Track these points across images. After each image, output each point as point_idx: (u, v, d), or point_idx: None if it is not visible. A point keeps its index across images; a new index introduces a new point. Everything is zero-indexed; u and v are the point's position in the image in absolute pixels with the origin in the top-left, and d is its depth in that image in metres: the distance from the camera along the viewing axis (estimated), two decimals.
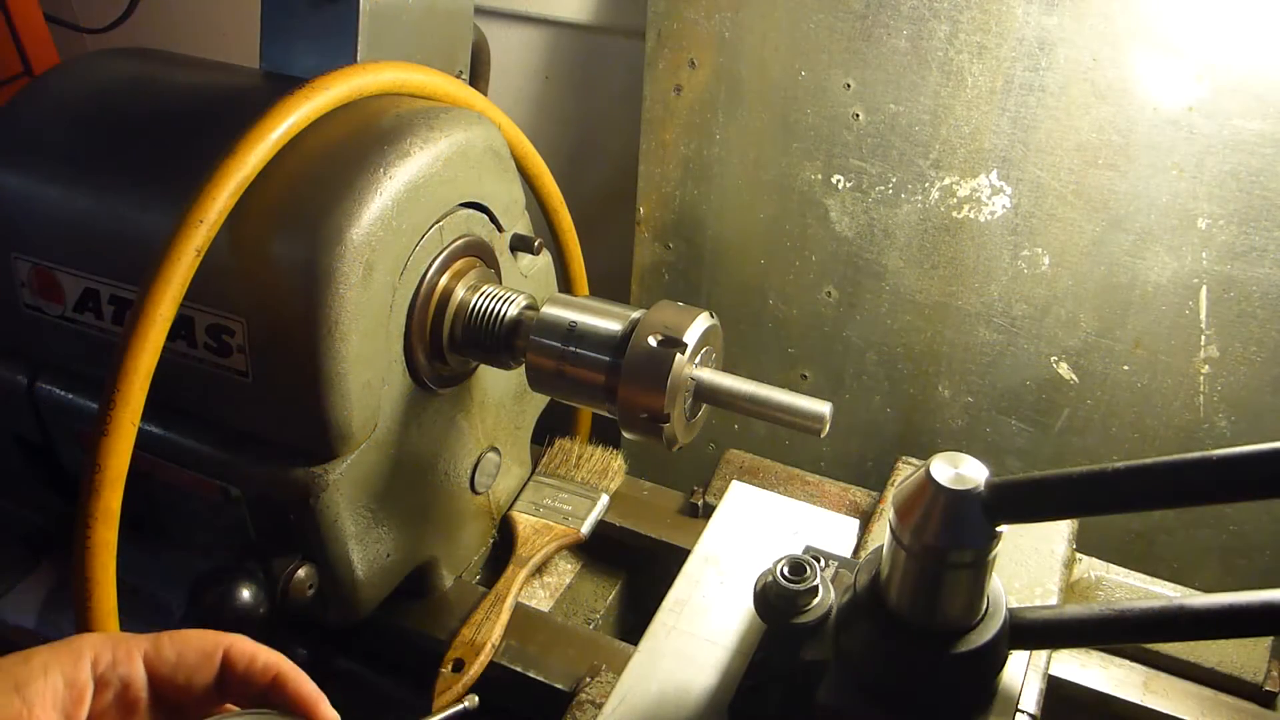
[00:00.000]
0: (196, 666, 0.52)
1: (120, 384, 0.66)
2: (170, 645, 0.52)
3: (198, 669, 0.52)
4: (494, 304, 0.81)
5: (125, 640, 0.51)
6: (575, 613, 0.97)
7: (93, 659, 0.50)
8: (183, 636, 0.52)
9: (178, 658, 0.52)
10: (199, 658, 0.52)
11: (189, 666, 0.52)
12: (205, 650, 0.52)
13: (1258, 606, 0.58)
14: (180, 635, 0.52)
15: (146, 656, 0.51)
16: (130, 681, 0.50)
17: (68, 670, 0.49)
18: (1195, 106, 0.96)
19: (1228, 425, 1.05)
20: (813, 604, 0.68)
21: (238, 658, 0.53)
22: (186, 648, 0.52)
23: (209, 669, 0.52)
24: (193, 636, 0.53)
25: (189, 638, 0.52)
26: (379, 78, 0.80)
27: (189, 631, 0.53)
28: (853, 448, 1.25)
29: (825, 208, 1.15)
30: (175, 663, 0.51)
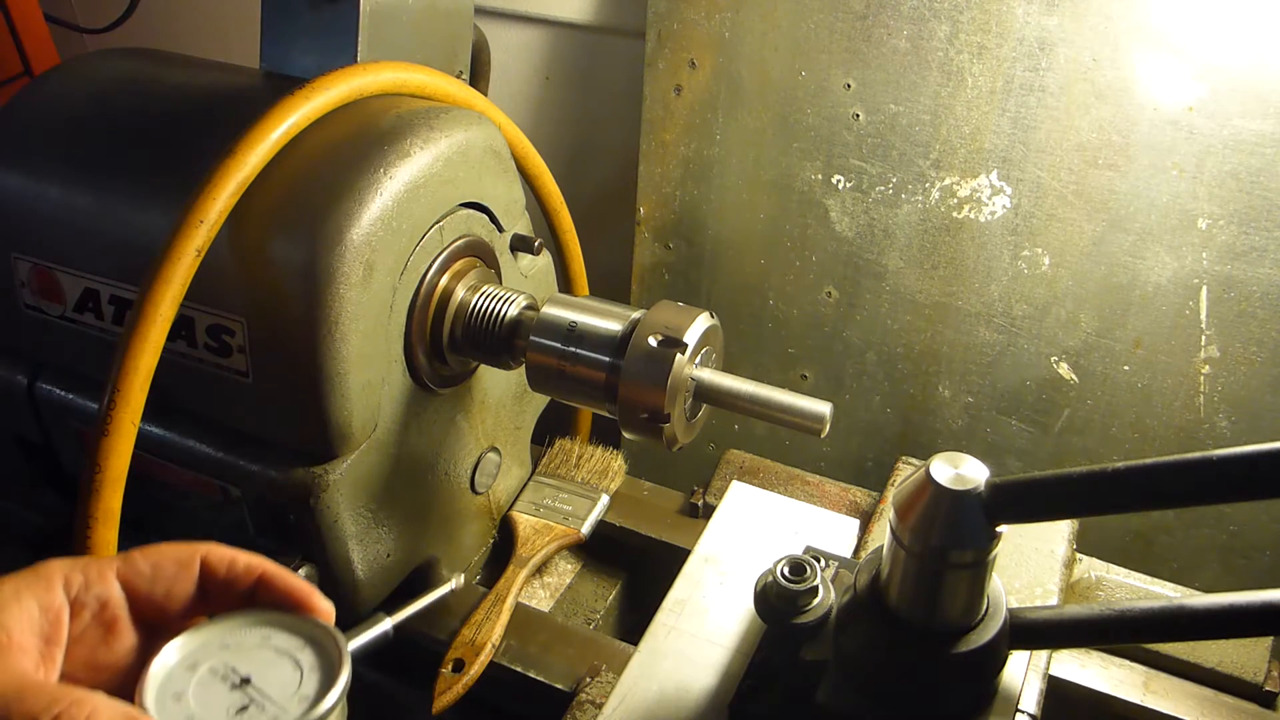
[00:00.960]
0: (174, 577, 0.50)
1: (120, 384, 0.66)
2: (143, 559, 0.50)
3: (176, 579, 0.50)
4: (494, 304, 0.81)
5: (95, 561, 0.49)
6: (575, 613, 0.97)
7: (64, 582, 0.48)
8: (156, 549, 0.51)
9: (153, 570, 0.50)
10: (175, 567, 0.50)
11: (166, 578, 0.50)
12: (181, 559, 0.51)
13: (1258, 606, 0.58)
14: (153, 548, 0.51)
15: (120, 573, 0.49)
16: (107, 600, 0.49)
17: (41, 595, 0.47)
18: (1195, 106, 0.96)
19: (1228, 425, 1.05)
20: (813, 604, 0.68)
21: (216, 562, 0.51)
22: (161, 559, 0.50)
23: (188, 578, 0.50)
24: (166, 548, 0.51)
25: (162, 550, 0.51)
26: (379, 78, 0.80)
27: (162, 545, 0.51)
28: (853, 448, 1.25)
29: (825, 208, 1.15)
30: (151, 575, 0.50)
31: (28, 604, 0.46)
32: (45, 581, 0.47)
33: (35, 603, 0.47)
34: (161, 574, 0.50)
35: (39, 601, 0.47)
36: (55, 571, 0.48)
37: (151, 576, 0.50)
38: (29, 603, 0.46)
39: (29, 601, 0.47)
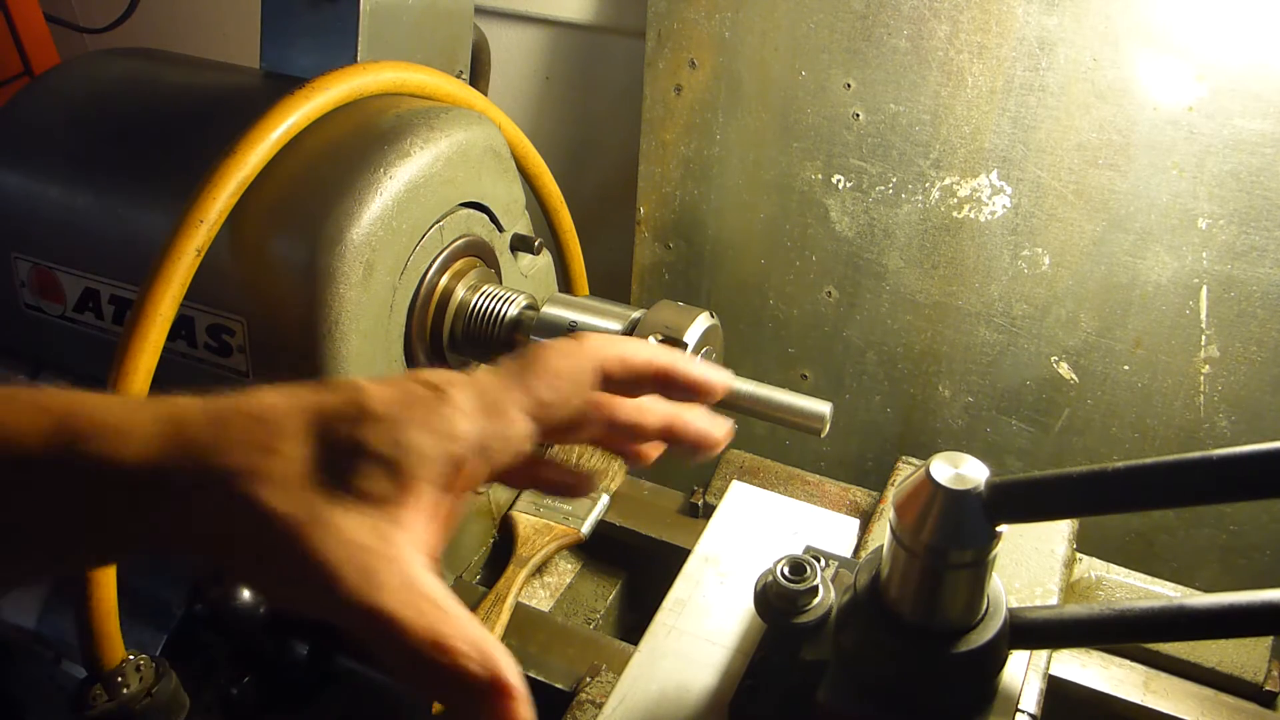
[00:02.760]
0: (573, 397, 0.48)
1: (121, 384, 0.66)
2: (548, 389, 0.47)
3: (575, 398, 0.48)
4: (494, 304, 0.81)
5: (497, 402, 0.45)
6: (575, 613, 0.97)
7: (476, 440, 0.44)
8: (554, 374, 0.47)
9: (558, 398, 0.47)
10: (576, 390, 0.48)
11: (569, 406, 0.48)
12: (578, 380, 0.48)
13: (1258, 606, 0.58)
14: (551, 372, 0.47)
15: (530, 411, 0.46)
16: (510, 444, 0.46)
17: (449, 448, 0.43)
18: (1195, 106, 0.96)
19: (1228, 425, 1.05)
20: (813, 604, 0.68)
21: (612, 369, 0.49)
22: (561, 383, 0.47)
23: (584, 392, 0.49)
24: (564, 368, 0.48)
25: (561, 373, 0.47)
26: (379, 78, 0.80)
27: (557, 362, 0.48)
28: (853, 448, 1.25)
29: (825, 207, 1.15)
30: (557, 403, 0.47)
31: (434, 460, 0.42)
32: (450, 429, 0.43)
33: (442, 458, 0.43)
34: (563, 400, 0.48)
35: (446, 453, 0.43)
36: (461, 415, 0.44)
37: (555, 404, 0.47)
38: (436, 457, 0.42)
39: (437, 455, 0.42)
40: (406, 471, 0.41)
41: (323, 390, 0.43)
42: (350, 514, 0.40)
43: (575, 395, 0.48)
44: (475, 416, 0.44)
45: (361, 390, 0.43)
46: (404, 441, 0.41)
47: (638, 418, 0.53)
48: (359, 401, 0.42)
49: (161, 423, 0.41)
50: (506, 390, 0.46)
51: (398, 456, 0.41)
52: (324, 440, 0.41)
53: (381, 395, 0.43)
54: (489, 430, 0.44)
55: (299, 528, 0.39)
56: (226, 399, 0.43)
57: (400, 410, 0.42)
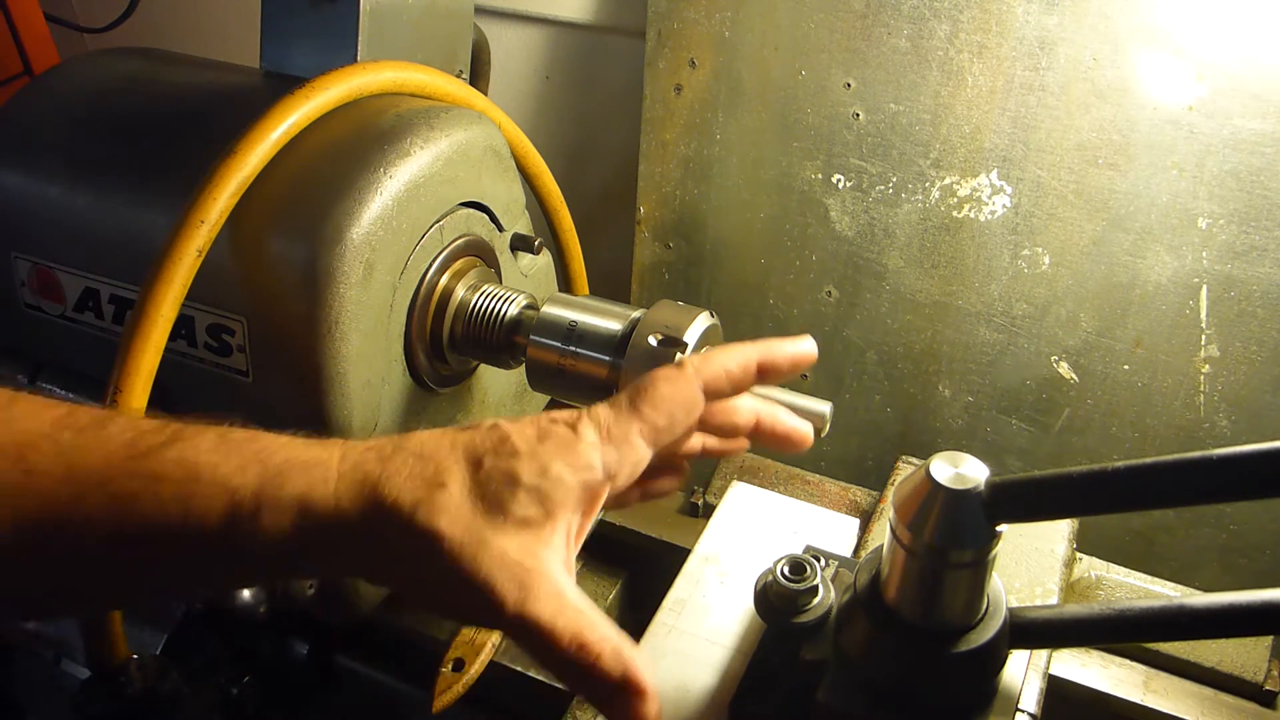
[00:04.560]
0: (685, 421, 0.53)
1: (122, 384, 0.66)
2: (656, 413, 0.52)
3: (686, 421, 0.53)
4: (494, 303, 0.81)
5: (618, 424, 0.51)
6: None
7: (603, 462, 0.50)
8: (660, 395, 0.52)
9: (669, 422, 0.52)
10: (685, 412, 0.53)
11: (679, 424, 0.53)
12: (689, 402, 0.53)
13: (1258, 606, 0.58)
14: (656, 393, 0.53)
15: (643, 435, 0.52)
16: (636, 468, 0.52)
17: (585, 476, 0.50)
18: (1195, 106, 0.96)
19: (1228, 425, 1.05)
20: (813, 604, 0.68)
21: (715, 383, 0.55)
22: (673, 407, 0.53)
23: (696, 412, 0.54)
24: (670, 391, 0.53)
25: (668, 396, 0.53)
26: (379, 77, 0.80)
27: (661, 383, 0.53)
28: (853, 447, 1.25)
29: (825, 207, 1.15)
30: (668, 428, 0.52)
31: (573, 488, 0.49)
32: (586, 461, 0.50)
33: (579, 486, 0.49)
34: (675, 424, 0.53)
35: (582, 482, 0.50)
36: (592, 448, 0.50)
37: (668, 429, 0.52)
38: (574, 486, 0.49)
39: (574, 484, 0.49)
40: (552, 499, 0.48)
41: (470, 429, 0.51)
42: (507, 536, 0.47)
43: (685, 417, 0.54)
44: (602, 448, 0.50)
45: (505, 429, 0.50)
46: (549, 472, 0.48)
47: (734, 419, 0.60)
48: (505, 438, 0.50)
49: (345, 463, 0.48)
50: (628, 422, 0.52)
51: (544, 486, 0.48)
52: (480, 472, 0.48)
53: (524, 433, 0.50)
54: (616, 458, 0.51)
55: (466, 549, 0.46)
56: (390, 441, 0.50)
57: (541, 445, 0.49)
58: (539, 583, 0.46)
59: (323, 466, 0.48)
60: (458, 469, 0.48)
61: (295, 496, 0.46)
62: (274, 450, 0.48)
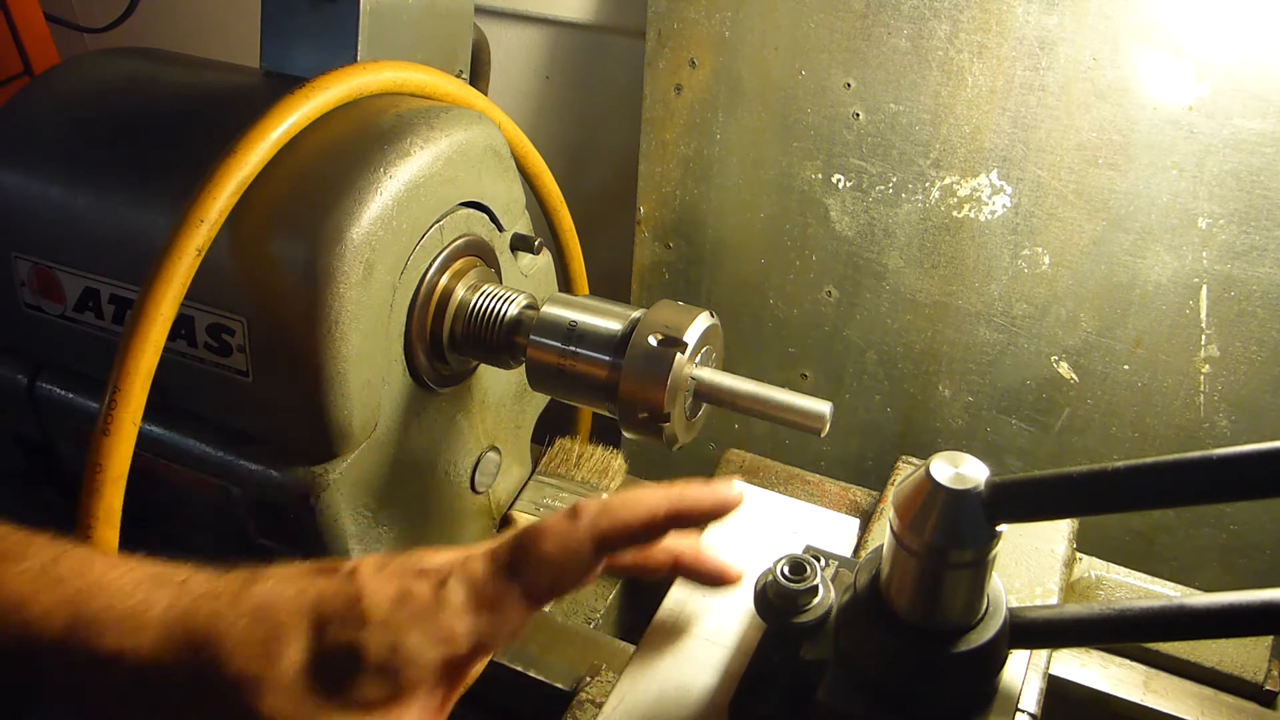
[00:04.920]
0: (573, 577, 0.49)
1: (121, 383, 0.66)
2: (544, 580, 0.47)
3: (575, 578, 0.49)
4: (494, 303, 0.81)
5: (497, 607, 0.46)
6: (575, 613, 0.97)
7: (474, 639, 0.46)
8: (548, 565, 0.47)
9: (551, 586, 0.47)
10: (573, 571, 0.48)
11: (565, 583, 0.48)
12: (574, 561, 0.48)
13: (1258, 606, 0.58)
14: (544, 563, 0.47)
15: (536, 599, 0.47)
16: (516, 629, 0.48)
17: None
18: (1195, 106, 0.96)
19: (1228, 425, 1.05)
20: (813, 603, 0.68)
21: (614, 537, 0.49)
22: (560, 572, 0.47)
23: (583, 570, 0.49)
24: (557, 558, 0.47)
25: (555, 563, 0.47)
26: (379, 77, 0.80)
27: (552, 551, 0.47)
28: (853, 447, 1.25)
29: (825, 207, 1.15)
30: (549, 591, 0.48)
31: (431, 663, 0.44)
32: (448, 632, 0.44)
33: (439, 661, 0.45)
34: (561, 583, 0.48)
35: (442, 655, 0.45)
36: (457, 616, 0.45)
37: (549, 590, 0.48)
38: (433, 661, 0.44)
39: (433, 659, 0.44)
40: (403, 678, 0.43)
41: (321, 578, 0.44)
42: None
43: (572, 580, 0.48)
44: (472, 615, 0.45)
45: (360, 585, 0.44)
46: (401, 647, 0.43)
47: (644, 562, 0.55)
48: (355, 600, 0.43)
49: (172, 612, 0.43)
50: (504, 583, 0.46)
51: (395, 664, 0.42)
52: (322, 643, 0.42)
53: (379, 594, 0.44)
54: (485, 627, 0.45)
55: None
56: (234, 583, 0.44)
57: (396, 612, 0.43)
58: None
59: (141, 617, 0.42)
60: (297, 635, 0.42)
61: (105, 654, 0.42)
62: (97, 591, 0.43)
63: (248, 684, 0.41)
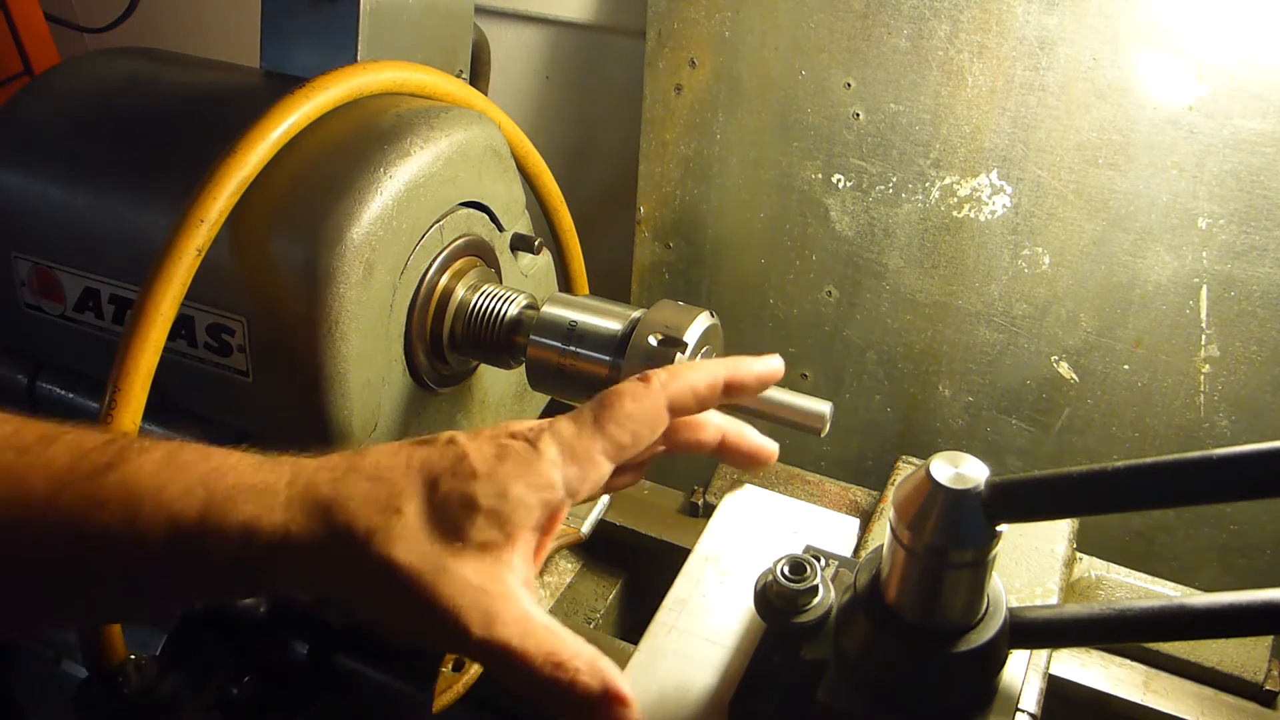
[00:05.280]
0: (648, 441, 0.52)
1: (121, 383, 0.66)
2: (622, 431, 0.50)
3: (649, 441, 0.52)
4: (494, 303, 0.81)
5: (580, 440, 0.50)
6: (575, 613, 0.97)
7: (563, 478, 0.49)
8: (628, 414, 0.51)
9: (633, 440, 0.51)
10: (650, 432, 0.52)
11: (642, 443, 0.52)
12: (654, 422, 0.52)
13: (1258, 606, 0.58)
14: (624, 412, 0.51)
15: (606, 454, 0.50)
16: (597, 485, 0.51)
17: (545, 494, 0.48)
18: (1195, 106, 0.96)
19: (1228, 424, 1.05)
20: (813, 603, 0.68)
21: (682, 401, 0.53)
22: (639, 427, 0.51)
23: (659, 429, 0.52)
24: (638, 412, 0.51)
25: (636, 416, 0.51)
26: (379, 77, 0.80)
27: (628, 402, 0.51)
28: (853, 447, 1.25)
29: (825, 207, 1.15)
30: (631, 445, 0.51)
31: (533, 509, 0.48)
32: (547, 480, 0.48)
33: (539, 506, 0.48)
34: (638, 440, 0.51)
35: (542, 501, 0.48)
36: (553, 467, 0.49)
37: (632, 446, 0.51)
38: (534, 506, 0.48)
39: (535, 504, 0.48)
40: (511, 521, 0.47)
41: (426, 446, 0.49)
42: (466, 561, 0.46)
43: (649, 434, 0.52)
44: (564, 466, 0.49)
45: (462, 447, 0.49)
46: (508, 494, 0.47)
47: (699, 435, 0.58)
48: (462, 457, 0.48)
49: (295, 486, 0.47)
50: (590, 438, 0.50)
51: (503, 509, 0.47)
52: (436, 495, 0.47)
53: (482, 451, 0.48)
54: (578, 476, 0.49)
55: (425, 577, 0.45)
56: (343, 459, 0.49)
57: (499, 465, 0.48)
58: (503, 607, 0.45)
59: (271, 491, 0.46)
60: (413, 492, 0.47)
61: (241, 522, 0.45)
62: (222, 472, 0.47)
63: (378, 536, 0.45)
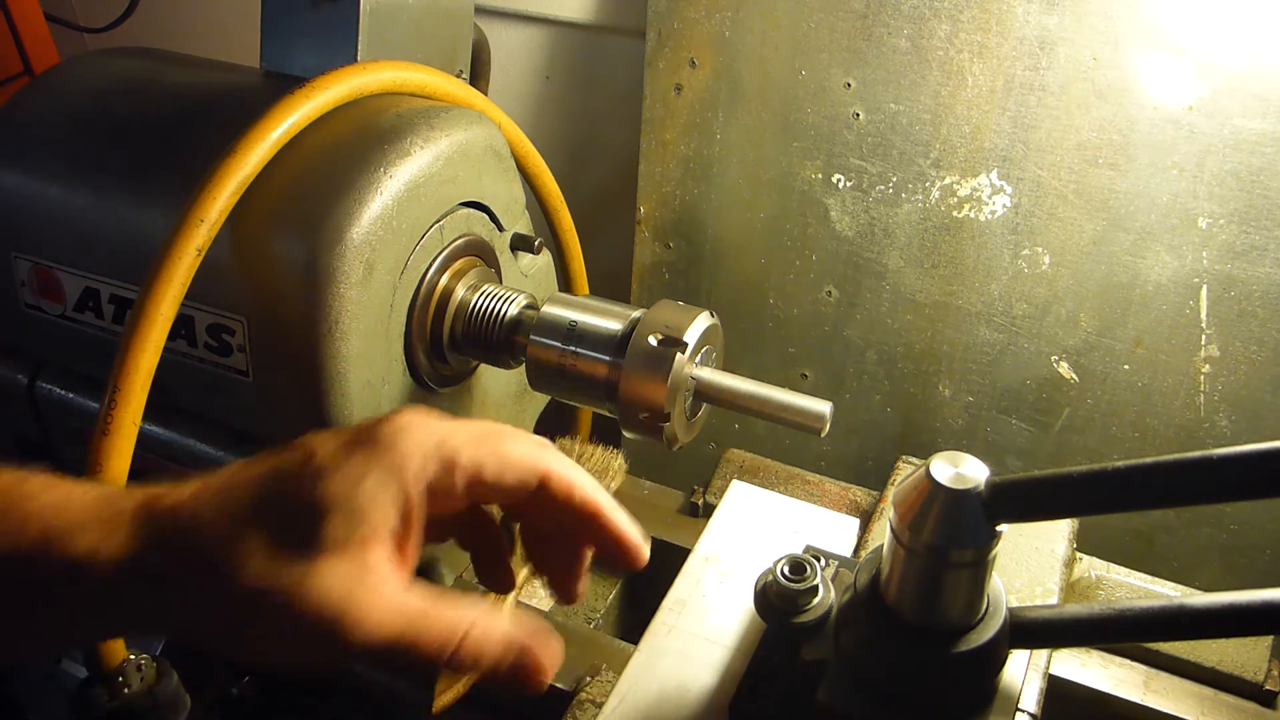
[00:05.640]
0: (512, 491, 0.49)
1: (121, 383, 0.66)
2: (493, 468, 0.47)
3: (512, 493, 0.49)
4: (494, 303, 0.81)
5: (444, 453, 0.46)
6: (575, 613, 0.97)
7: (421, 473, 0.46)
8: (503, 460, 0.48)
9: (497, 481, 0.48)
10: (517, 484, 0.48)
11: (504, 491, 0.48)
12: (524, 477, 0.48)
13: (1258, 606, 0.58)
14: (499, 457, 0.48)
15: (469, 476, 0.47)
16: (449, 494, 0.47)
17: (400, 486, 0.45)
18: (1195, 106, 0.96)
19: (1228, 424, 1.05)
20: (813, 603, 0.68)
21: (556, 489, 0.49)
22: (507, 472, 0.48)
23: (520, 493, 0.49)
24: (514, 460, 0.48)
25: (510, 462, 0.48)
26: (379, 77, 0.80)
27: (507, 452, 0.48)
28: (853, 447, 1.25)
29: (825, 207, 1.15)
30: (493, 486, 0.48)
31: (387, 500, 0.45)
32: (401, 473, 0.45)
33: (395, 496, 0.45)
34: (502, 487, 0.48)
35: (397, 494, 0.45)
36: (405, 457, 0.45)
37: (493, 487, 0.48)
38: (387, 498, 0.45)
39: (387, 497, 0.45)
40: (366, 517, 0.44)
41: (274, 455, 0.46)
42: (325, 567, 0.42)
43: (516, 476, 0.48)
44: (417, 455, 0.46)
45: (310, 446, 0.45)
46: (359, 487, 0.44)
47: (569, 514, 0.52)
48: (309, 458, 0.45)
49: (142, 513, 0.44)
50: (451, 437, 0.47)
51: (357, 502, 0.44)
52: (284, 503, 0.44)
53: (327, 448, 0.45)
54: (429, 467, 0.46)
55: (285, 592, 0.42)
56: (199, 480, 0.45)
57: (347, 459, 0.45)
58: (375, 602, 0.43)
59: (116, 520, 0.43)
60: (260, 504, 0.44)
61: (79, 555, 0.42)
62: (64, 504, 0.44)
63: (228, 557, 0.42)
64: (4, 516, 0.43)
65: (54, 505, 0.44)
